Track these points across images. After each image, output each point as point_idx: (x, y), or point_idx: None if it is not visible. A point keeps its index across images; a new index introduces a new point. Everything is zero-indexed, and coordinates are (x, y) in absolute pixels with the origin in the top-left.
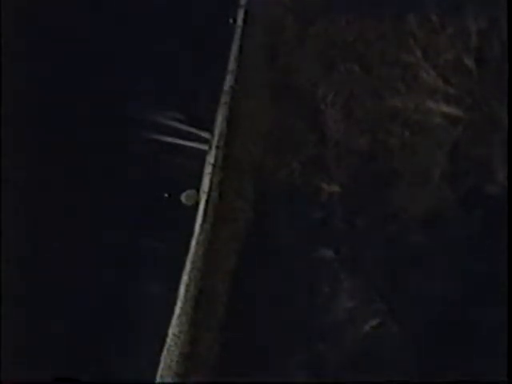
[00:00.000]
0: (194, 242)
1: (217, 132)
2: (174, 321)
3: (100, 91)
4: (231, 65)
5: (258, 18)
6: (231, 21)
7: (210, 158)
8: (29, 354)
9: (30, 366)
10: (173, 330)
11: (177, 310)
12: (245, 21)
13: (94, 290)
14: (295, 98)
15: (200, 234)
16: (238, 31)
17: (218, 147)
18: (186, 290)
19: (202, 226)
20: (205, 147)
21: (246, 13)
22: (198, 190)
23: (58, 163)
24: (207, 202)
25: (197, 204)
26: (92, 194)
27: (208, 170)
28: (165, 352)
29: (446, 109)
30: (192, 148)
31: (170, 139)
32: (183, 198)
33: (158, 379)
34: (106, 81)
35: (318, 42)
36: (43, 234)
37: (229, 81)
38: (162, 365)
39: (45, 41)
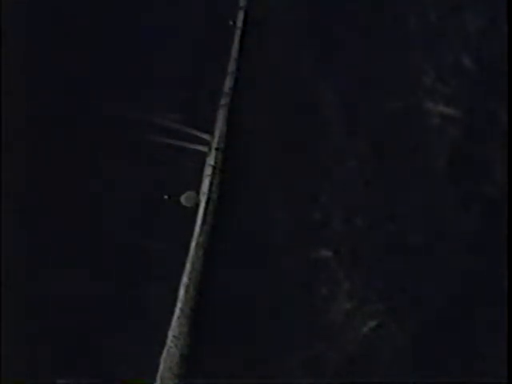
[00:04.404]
0: (193, 244)
1: (217, 134)
2: (174, 322)
3: (100, 93)
4: (231, 66)
5: (258, 19)
6: (231, 22)
7: (210, 160)
8: (28, 353)
9: (29, 366)
10: (173, 331)
11: (176, 312)
12: (244, 22)
13: (94, 290)
14: (295, 98)
15: (200, 235)
16: (238, 33)
17: (217, 149)
18: (186, 292)
19: (201, 227)
20: (205, 149)
21: (245, 14)
22: (197, 192)
23: (58, 164)
24: (207, 203)
25: (196, 206)
26: (92, 196)
27: (208, 171)
28: (165, 353)
29: (445, 110)
30: (192, 149)
31: (169, 141)
32: (183, 199)
33: (158, 381)
34: (106, 82)
35: (318, 42)
36: (43, 235)
37: (229, 82)
38: (161, 366)
39: (44, 41)
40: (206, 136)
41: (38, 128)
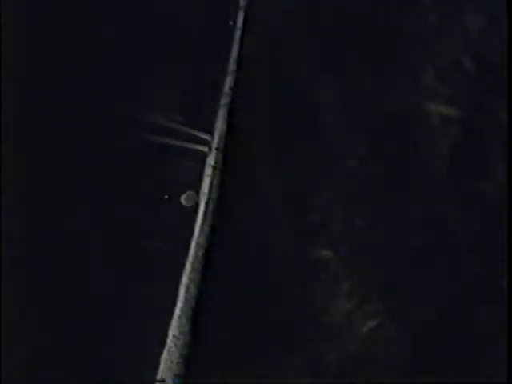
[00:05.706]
0: (193, 243)
1: (216, 134)
2: (174, 322)
3: (100, 92)
4: (231, 66)
5: (258, 19)
6: (231, 22)
7: (210, 160)
8: (27, 354)
9: (29, 367)
10: (173, 331)
11: (177, 312)
12: (245, 22)
13: (94, 290)
14: (295, 98)
15: (199, 235)
16: (238, 33)
17: (217, 149)
18: (186, 291)
19: (201, 227)
20: (205, 149)
21: (245, 14)
22: (197, 192)
23: (58, 164)
24: (207, 203)
25: (196, 205)
26: (92, 196)
27: (208, 171)
28: (165, 353)
29: (445, 109)
30: (192, 150)
31: (169, 141)
32: (183, 199)
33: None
34: (106, 82)
35: (318, 43)
36: (43, 235)
37: (229, 82)
38: (162, 366)
39: (44, 40)
40: (205, 136)
41: (37, 128)
